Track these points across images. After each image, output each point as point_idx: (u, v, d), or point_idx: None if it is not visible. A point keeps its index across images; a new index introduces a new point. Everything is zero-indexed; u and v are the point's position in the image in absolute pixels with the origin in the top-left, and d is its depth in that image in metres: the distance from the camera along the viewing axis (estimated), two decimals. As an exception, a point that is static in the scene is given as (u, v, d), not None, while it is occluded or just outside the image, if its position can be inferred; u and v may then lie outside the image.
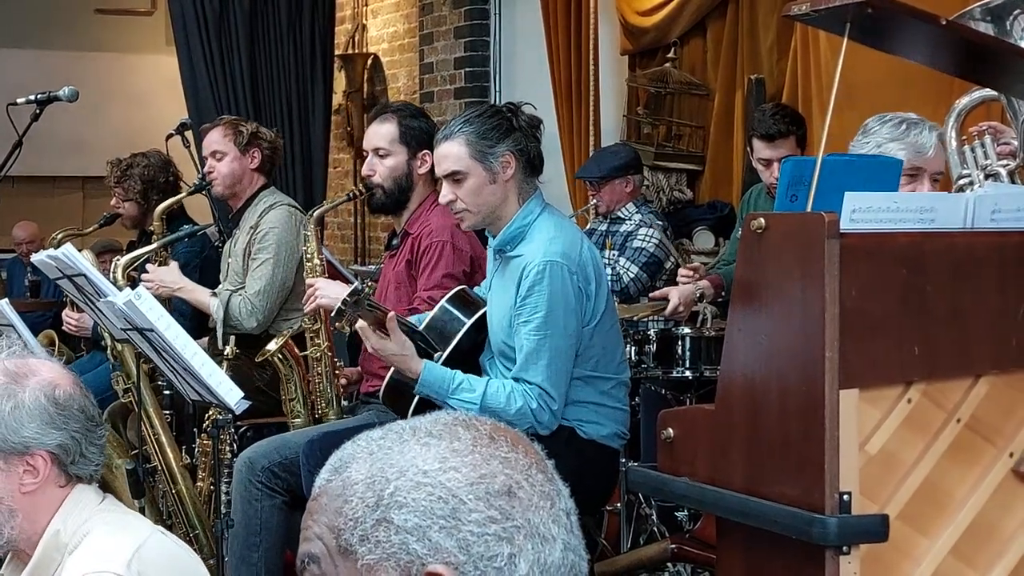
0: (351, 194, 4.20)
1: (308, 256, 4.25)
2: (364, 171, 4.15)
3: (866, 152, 3.31)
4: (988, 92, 3.42)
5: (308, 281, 4.06)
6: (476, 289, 3.76)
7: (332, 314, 3.41)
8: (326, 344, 4.20)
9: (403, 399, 3.45)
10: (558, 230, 3.38)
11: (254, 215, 4.68)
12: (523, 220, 3.41)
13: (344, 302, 3.25)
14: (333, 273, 5.78)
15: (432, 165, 4.00)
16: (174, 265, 4.68)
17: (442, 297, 3.74)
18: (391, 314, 3.35)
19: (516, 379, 3.32)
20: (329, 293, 3.84)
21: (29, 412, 2.24)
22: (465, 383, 3.33)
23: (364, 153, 4.19)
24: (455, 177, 3.40)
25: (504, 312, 3.40)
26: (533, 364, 3.29)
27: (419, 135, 4.10)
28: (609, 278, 5.06)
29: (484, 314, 3.52)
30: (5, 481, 2.24)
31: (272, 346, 4.13)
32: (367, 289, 3.32)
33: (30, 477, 2.25)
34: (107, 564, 2.15)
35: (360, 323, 3.36)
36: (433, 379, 3.32)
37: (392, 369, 3.47)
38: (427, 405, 3.34)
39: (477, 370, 3.52)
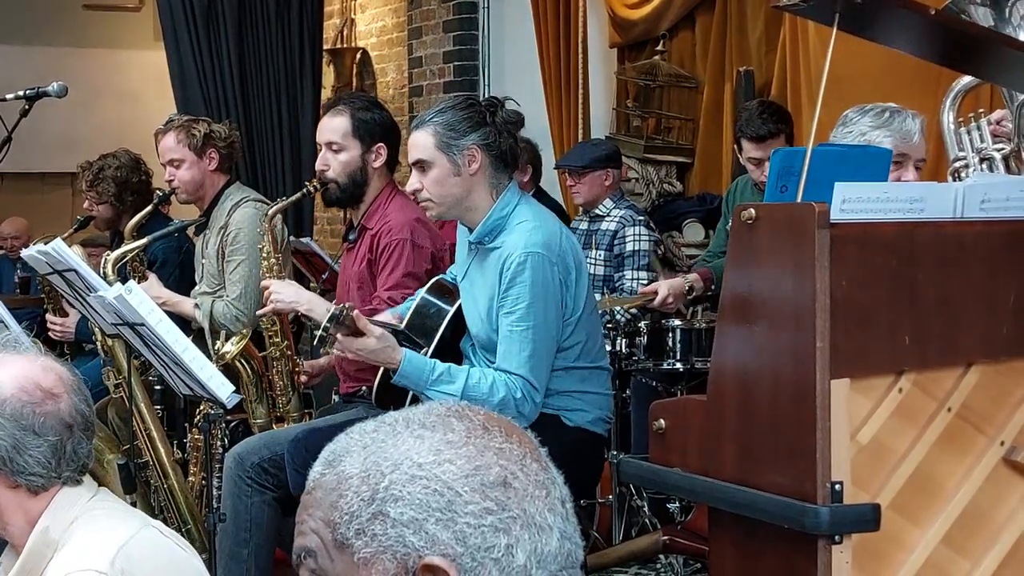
0: (306, 190, 4.09)
1: (265, 254, 4.19)
2: (318, 165, 4.08)
3: (849, 142, 3.29)
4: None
5: (263, 283, 3.98)
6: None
7: (316, 342, 3.39)
8: (285, 343, 4.18)
9: (395, 398, 3.40)
10: (537, 220, 3.37)
11: (222, 215, 4.64)
12: (500, 212, 3.39)
13: (325, 328, 3.21)
14: (321, 265, 5.80)
15: (387, 157, 4.03)
16: (154, 279, 4.66)
17: (402, 297, 3.72)
18: (350, 304, 3.29)
19: (499, 370, 3.30)
20: (284, 297, 3.81)
21: None
22: (445, 373, 3.29)
23: (318, 147, 4.14)
24: (421, 166, 3.40)
25: (483, 303, 3.39)
26: (516, 355, 3.28)
27: (373, 128, 4.03)
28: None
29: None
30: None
31: (230, 348, 4.04)
32: (345, 310, 3.26)
33: None
34: (89, 563, 2.10)
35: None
36: (412, 369, 3.28)
37: (381, 371, 3.45)
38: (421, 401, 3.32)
39: (459, 356, 3.51)
